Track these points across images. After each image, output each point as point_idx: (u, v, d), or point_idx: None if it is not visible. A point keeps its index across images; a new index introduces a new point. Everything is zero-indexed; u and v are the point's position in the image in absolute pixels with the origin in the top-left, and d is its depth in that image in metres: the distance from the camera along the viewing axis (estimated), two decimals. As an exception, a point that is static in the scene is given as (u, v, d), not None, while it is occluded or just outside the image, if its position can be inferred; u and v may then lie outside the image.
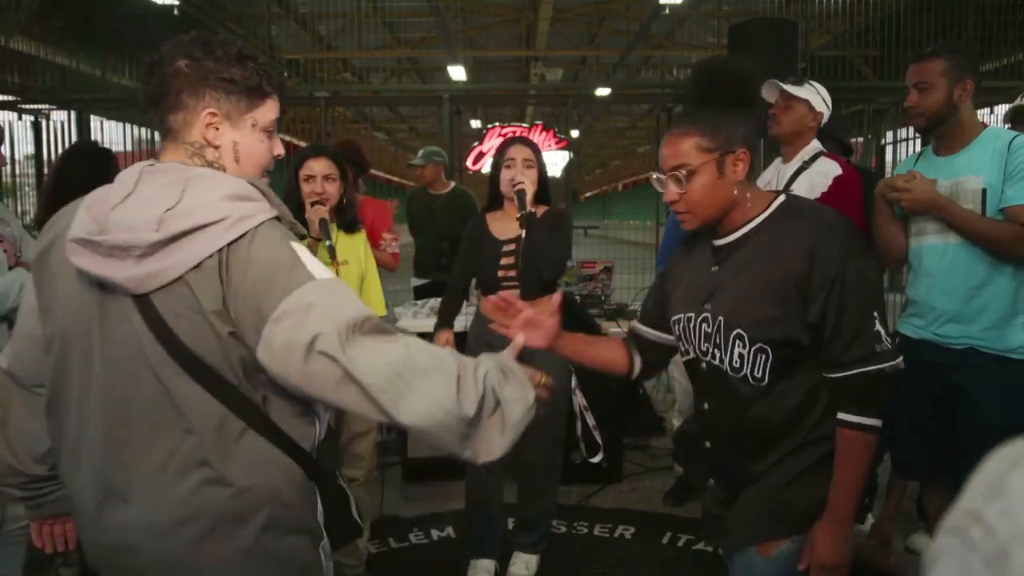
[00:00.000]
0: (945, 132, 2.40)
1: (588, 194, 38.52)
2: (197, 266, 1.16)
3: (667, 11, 9.62)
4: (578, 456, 3.03)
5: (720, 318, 1.59)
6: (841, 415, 1.53)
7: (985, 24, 8.22)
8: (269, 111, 1.31)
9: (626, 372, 1.85)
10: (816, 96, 2.77)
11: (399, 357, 1.14)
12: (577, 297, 4.48)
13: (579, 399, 2.95)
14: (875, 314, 1.49)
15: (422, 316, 4.25)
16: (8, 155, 2.57)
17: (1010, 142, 2.29)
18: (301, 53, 11.53)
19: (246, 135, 1.28)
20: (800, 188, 2.75)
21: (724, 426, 1.65)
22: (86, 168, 2.48)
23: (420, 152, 5.21)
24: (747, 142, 1.57)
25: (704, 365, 1.64)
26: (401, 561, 3.23)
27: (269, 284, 1.15)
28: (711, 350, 1.62)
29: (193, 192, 1.19)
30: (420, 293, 5.03)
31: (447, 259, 5.00)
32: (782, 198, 1.61)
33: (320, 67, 11.27)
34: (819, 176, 2.74)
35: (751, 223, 1.59)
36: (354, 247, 2.83)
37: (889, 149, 8.70)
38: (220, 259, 1.17)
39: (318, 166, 2.73)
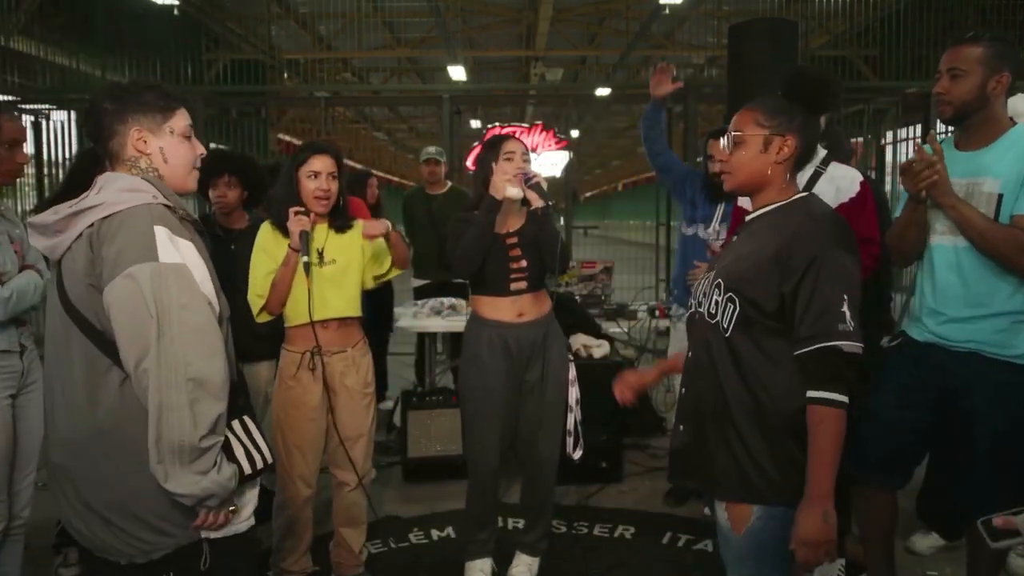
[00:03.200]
0: (972, 126, 2.25)
1: (588, 194, 38.53)
2: (79, 236, 1.53)
3: (667, 11, 9.61)
4: (581, 447, 3.02)
5: (715, 271, 1.82)
6: (808, 392, 1.63)
7: (985, 24, 8.22)
8: (181, 119, 1.66)
9: None
10: None
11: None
12: (577, 297, 4.48)
13: (575, 392, 2.96)
14: (845, 297, 1.62)
15: (422, 316, 4.25)
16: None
17: None
18: (301, 53, 11.53)
19: (167, 140, 1.65)
20: (825, 193, 2.68)
21: (697, 371, 1.81)
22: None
23: (433, 149, 5.26)
24: (800, 135, 1.76)
25: (696, 316, 1.85)
26: (401, 561, 3.23)
27: (122, 254, 1.47)
28: (702, 299, 1.83)
29: (105, 188, 1.56)
30: (420, 294, 5.03)
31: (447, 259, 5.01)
32: (804, 194, 1.81)
33: (320, 67, 11.27)
34: (845, 181, 2.73)
35: (773, 205, 1.79)
36: (350, 244, 2.82)
37: (889, 149, 8.68)
38: (93, 231, 1.52)
39: (322, 164, 2.72)
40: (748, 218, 1.84)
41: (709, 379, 1.76)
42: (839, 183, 2.73)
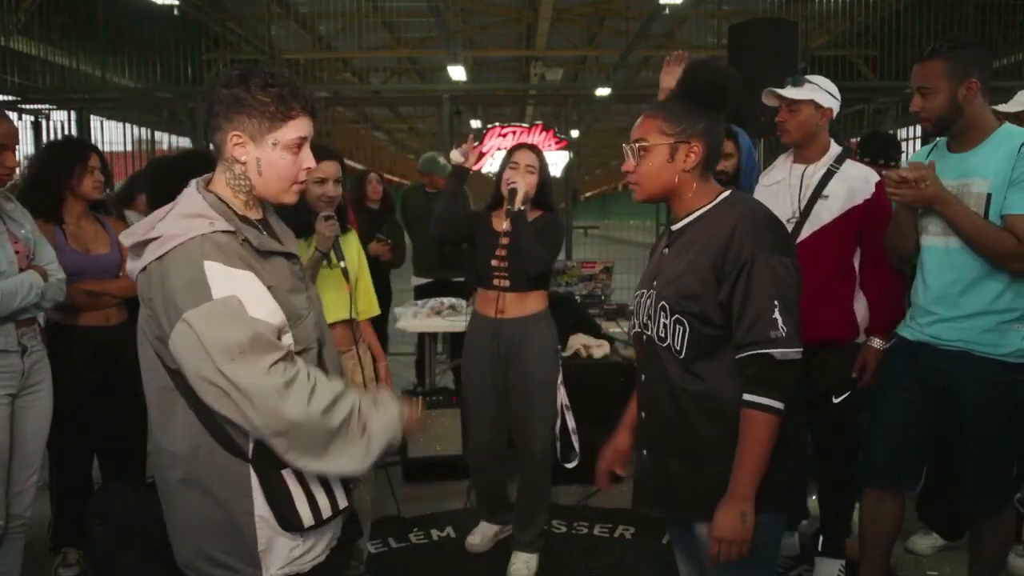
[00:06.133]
0: (956, 132, 2.30)
1: (588, 194, 38.53)
2: (144, 269, 1.45)
3: (667, 11, 9.61)
4: (575, 457, 3.03)
5: (654, 292, 1.77)
6: (743, 395, 1.63)
7: (985, 24, 8.23)
8: (291, 131, 1.50)
9: None
10: (819, 92, 2.70)
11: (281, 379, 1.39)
12: (577, 297, 4.48)
13: (561, 396, 3.04)
14: (775, 303, 1.61)
15: (422, 316, 4.25)
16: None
17: (1021, 144, 2.18)
18: (301, 53, 11.53)
19: (267, 153, 1.50)
20: (837, 194, 2.67)
21: (655, 397, 1.77)
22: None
23: (431, 156, 5.26)
24: (706, 138, 1.71)
25: (644, 337, 1.80)
26: (401, 561, 3.23)
27: (176, 296, 1.39)
28: (647, 322, 1.78)
29: (177, 207, 1.48)
30: (420, 293, 5.02)
31: (447, 259, 4.99)
32: (727, 193, 1.76)
33: (320, 67, 11.27)
34: (859, 182, 2.67)
35: (696, 212, 1.74)
36: (348, 248, 2.83)
37: (889, 149, 8.68)
38: (151, 268, 1.43)
39: (330, 169, 2.72)
40: (675, 228, 1.78)
41: (671, 407, 1.73)
42: (852, 183, 2.67)
